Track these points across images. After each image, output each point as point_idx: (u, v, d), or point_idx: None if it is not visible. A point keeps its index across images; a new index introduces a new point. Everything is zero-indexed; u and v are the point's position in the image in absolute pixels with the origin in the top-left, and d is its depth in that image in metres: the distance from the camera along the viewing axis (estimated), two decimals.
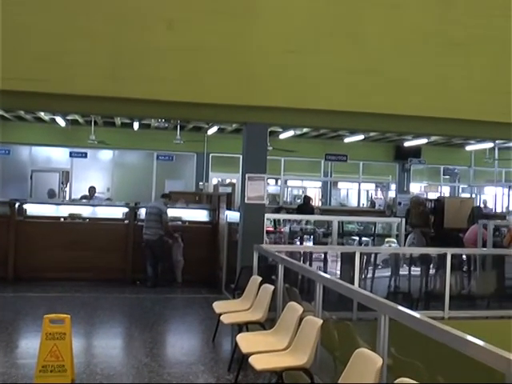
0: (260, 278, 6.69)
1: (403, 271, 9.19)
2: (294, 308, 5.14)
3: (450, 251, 7.93)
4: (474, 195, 23.01)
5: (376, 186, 24.81)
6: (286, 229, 11.19)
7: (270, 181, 22.40)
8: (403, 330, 3.64)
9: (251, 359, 4.66)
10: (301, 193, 22.20)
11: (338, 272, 8.81)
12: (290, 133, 18.34)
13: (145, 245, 10.52)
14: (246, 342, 5.24)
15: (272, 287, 6.13)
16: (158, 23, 8.05)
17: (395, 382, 3.21)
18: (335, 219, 9.66)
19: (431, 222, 11.38)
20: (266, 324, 5.92)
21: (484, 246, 10.28)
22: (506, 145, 19.32)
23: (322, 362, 5.16)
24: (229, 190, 15.90)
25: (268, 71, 8.43)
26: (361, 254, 7.66)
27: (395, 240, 10.23)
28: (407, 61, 8.82)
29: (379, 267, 9.62)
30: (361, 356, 3.68)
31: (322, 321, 4.61)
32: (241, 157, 9.35)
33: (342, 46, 8.63)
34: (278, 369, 4.61)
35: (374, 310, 3.98)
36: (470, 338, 2.95)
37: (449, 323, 7.63)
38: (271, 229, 11.63)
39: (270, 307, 6.08)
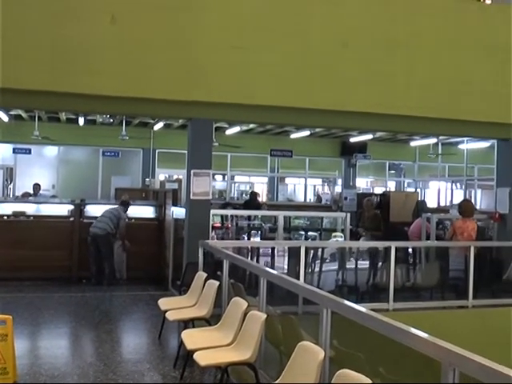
0: (205, 274, 6.67)
1: (350, 265, 9.30)
2: (239, 303, 5.14)
3: (393, 244, 8.08)
4: (418, 189, 23.48)
5: (323, 182, 25.05)
6: (230, 224, 11.18)
7: (217, 177, 22.33)
8: (346, 322, 3.67)
9: (196, 355, 4.64)
10: (248, 188, 22.23)
11: (286, 267, 8.87)
12: (237, 128, 18.33)
13: (91, 240, 10.36)
14: (191, 338, 5.22)
15: (217, 283, 6.11)
16: (101, 16, 7.91)
17: (337, 373, 3.24)
18: (281, 214, 9.71)
19: (383, 226, 11.18)
20: (212, 320, 5.90)
21: (428, 238, 10.49)
22: (449, 140, 19.79)
23: (267, 356, 5.17)
24: (175, 186, 15.82)
25: (213, 66, 8.40)
26: (306, 248, 7.70)
27: (342, 234, 10.35)
28: (351, 57, 8.94)
29: (327, 261, 9.71)
30: (303, 349, 3.70)
31: (265, 315, 4.62)
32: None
33: (287, 42, 8.68)
34: (223, 364, 4.61)
35: (318, 304, 4.01)
36: (408, 328, 2.99)
37: (393, 315, 7.82)
38: (218, 225, 11.61)
39: (215, 303, 6.06)
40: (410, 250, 10.28)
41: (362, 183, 24.70)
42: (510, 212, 10.91)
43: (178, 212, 10.14)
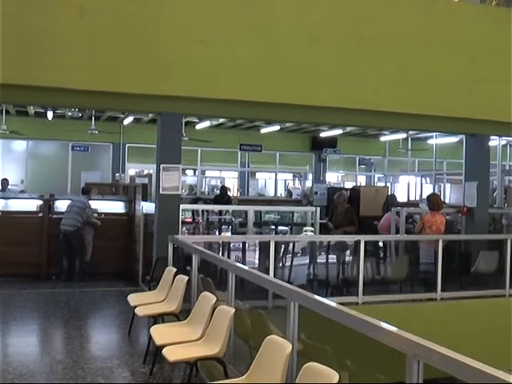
0: (175, 269, 6.63)
1: (322, 259, 9.36)
2: (207, 298, 5.13)
3: (363, 238, 8.14)
4: (388, 184, 23.69)
5: (293, 176, 25.15)
6: (201, 219, 11.15)
7: (187, 171, 22.25)
8: (314, 316, 3.68)
9: (165, 351, 4.62)
10: (219, 183, 22.20)
11: (257, 261, 8.90)
12: (207, 123, 18.28)
13: (62, 237, 10.27)
14: (160, 333, 5.19)
15: (186, 278, 6.10)
16: (70, 9, 7.79)
17: (304, 366, 3.25)
18: (251, 209, 9.71)
19: (356, 220, 10.78)
20: (182, 315, 5.88)
21: (397, 232, 10.60)
22: (419, 135, 20.00)
23: (237, 350, 5.18)
24: (146, 181, 15.72)
25: (182, 61, 8.36)
26: (276, 242, 7.72)
27: (313, 228, 10.39)
28: (320, 52, 8.96)
29: (298, 255, 9.75)
30: (271, 343, 3.71)
31: (233, 310, 4.62)
32: None
33: (256, 37, 8.66)
34: (191, 359, 4.60)
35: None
36: (373, 321, 3.02)
37: (362, 308, 7.90)
38: (190, 220, 11.58)
39: (185, 298, 6.05)
40: (381, 243, 10.39)
41: (333, 178, 24.85)
42: (478, 206, 11.08)
43: (148, 207, 10.09)
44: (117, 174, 20.16)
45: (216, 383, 3.96)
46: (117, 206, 11.62)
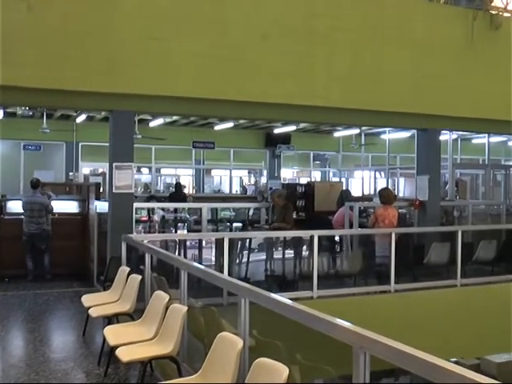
0: (128, 269, 6.59)
1: (278, 254, 9.42)
2: (161, 297, 5.11)
3: (316, 233, 8.22)
4: (343, 179, 23.94)
5: (249, 173, 25.20)
6: (157, 217, 11.08)
7: (143, 169, 22.10)
8: (266, 312, 3.71)
9: (118, 351, 4.60)
10: (174, 181, 22.10)
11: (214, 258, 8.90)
12: (160, 121, 18.17)
13: (27, 238, 10.16)
14: (114, 334, 5.16)
15: (139, 277, 6.06)
16: (17, 4, 7.61)
17: (254, 362, 3.28)
18: (205, 206, 9.71)
19: (291, 218, 10.31)
20: (137, 314, 5.84)
21: (351, 226, 10.73)
22: (372, 131, 20.29)
23: (192, 349, 5.18)
24: (100, 179, 15.55)
25: (132, 58, 8.28)
26: (230, 239, 7.74)
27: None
28: (272, 49, 8.99)
29: (255, 251, 9.79)
30: (223, 340, 3.73)
31: (186, 308, 4.62)
32: None
33: (208, 34, 8.65)
34: (145, 359, 4.59)
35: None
36: (320, 314, 3.06)
37: (317, 302, 7.98)
38: (145, 218, 11.51)
39: (139, 297, 6.02)
40: (337, 238, 10.51)
41: (288, 174, 25.00)
42: (430, 199, 11.31)
43: (102, 206, 9.98)
44: (70, 173, 19.88)
45: (168, 382, 3.95)
46: (70, 206, 11.46)
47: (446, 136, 15.94)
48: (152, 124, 18.66)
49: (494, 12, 11.50)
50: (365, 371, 2.70)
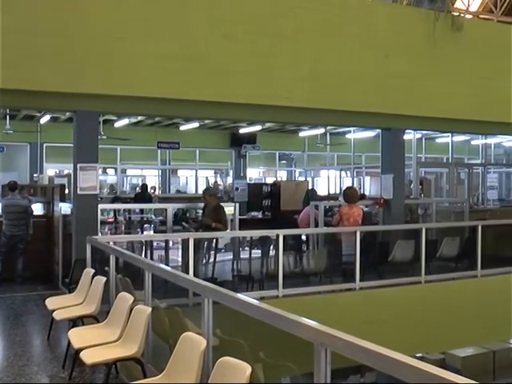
0: (93, 271, 6.54)
1: (245, 254, 9.44)
2: (125, 298, 5.09)
3: (281, 232, 8.27)
4: (309, 178, 24.08)
5: (215, 173, 25.18)
6: (122, 218, 11.02)
7: (109, 170, 21.91)
8: (230, 311, 3.73)
9: (82, 354, 4.58)
10: (140, 182, 21.98)
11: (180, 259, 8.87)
12: (125, 121, 18.03)
13: (7, 240, 10.15)
14: (78, 336, 5.12)
15: (104, 279, 6.02)
16: None
17: (218, 361, 3.30)
18: (170, 206, 9.69)
19: (225, 220, 9.76)
20: (102, 316, 5.80)
21: (317, 225, 10.81)
22: (337, 130, 20.44)
23: (157, 349, 5.16)
24: (65, 181, 15.38)
25: (98, 58, 8.21)
26: (196, 239, 7.74)
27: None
28: (236, 50, 9.01)
29: (222, 251, 9.80)
30: (186, 340, 3.74)
31: (150, 309, 4.61)
32: None
33: (173, 34, 8.62)
34: (109, 361, 4.56)
35: None
36: (281, 312, 3.08)
37: (283, 301, 8.02)
38: (112, 219, 11.44)
39: (104, 299, 5.98)
40: (304, 237, 10.57)
41: (254, 173, 25.05)
42: (394, 197, 11.46)
43: (67, 208, 9.88)
44: (35, 175, 19.59)
45: (134, 383, 3.94)
46: (35, 208, 11.32)
47: (410, 135, 16.14)
48: (117, 124, 18.50)
49: (455, 14, 11.71)
50: (326, 368, 2.72)
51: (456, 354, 15.37)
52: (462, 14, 13.31)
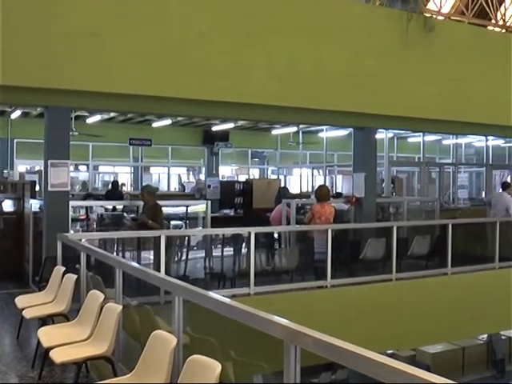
0: (63, 268, 6.48)
1: (218, 252, 9.43)
2: (96, 296, 5.05)
3: (253, 230, 8.29)
4: (282, 176, 24.13)
5: (187, 170, 25.10)
6: (94, 216, 10.93)
7: (81, 167, 21.71)
8: (201, 309, 3.73)
9: (52, 353, 4.53)
10: (112, 179, 21.80)
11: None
12: (97, 117, 17.85)
13: None
14: (48, 335, 5.06)
15: (74, 277, 5.97)
16: None
17: (188, 359, 3.30)
18: (141, 204, 9.63)
19: (162, 221, 9.53)
20: (72, 315, 5.75)
21: (289, 223, 10.85)
22: (310, 129, 20.51)
23: (128, 348, 5.14)
24: (36, 177, 15.21)
25: (70, 53, 8.10)
26: (167, 237, 7.72)
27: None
28: (210, 47, 8.98)
29: (195, 249, 9.78)
30: (157, 338, 3.73)
31: (121, 307, 4.59)
32: None
33: (146, 31, 8.55)
34: (79, 359, 4.51)
35: None
36: (252, 310, 3.10)
37: (254, 299, 8.04)
38: (84, 217, 11.34)
39: (75, 297, 5.93)
40: (276, 235, 10.60)
41: (227, 171, 25.03)
42: (366, 195, 11.55)
43: (38, 205, 9.78)
44: (5, 171, 19.31)
45: (102, 383, 3.91)
46: (5, 204, 11.18)
47: (382, 134, 16.28)
48: (89, 120, 18.30)
49: (427, 15, 11.84)
50: (295, 365, 2.74)
51: (426, 351, 15.61)
52: (434, 16, 13.47)
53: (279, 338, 2.82)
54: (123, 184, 18.65)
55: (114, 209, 12.35)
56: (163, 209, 9.77)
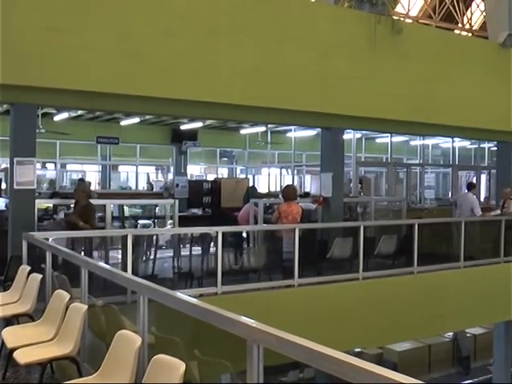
0: (29, 268, 6.40)
1: (187, 251, 9.40)
2: (61, 296, 5.02)
3: (220, 229, 8.30)
4: (251, 176, 24.17)
5: (156, 169, 24.98)
6: (62, 215, 10.81)
7: (48, 165, 21.44)
8: (167, 309, 3.73)
9: (16, 353, 4.47)
10: (80, 177, 21.58)
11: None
12: (65, 115, 17.65)
13: None
14: (12, 335, 5.00)
15: (40, 276, 5.91)
16: None
17: (152, 359, 3.30)
18: (108, 203, 9.57)
19: (94, 222, 9.14)
20: (37, 315, 5.69)
21: (256, 223, 10.87)
22: (278, 128, 20.59)
23: (94, 348, 5.10)
24: (1, 175, 14.99)
25: (34, 49, 8.00)
26: (135, 236, 7.68)
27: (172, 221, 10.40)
28: (176, 46, 8.95)
29: (163, 248, 9.74)
30: (122, 338, 3.72)
31: (86, 307, 4.56)
32: None
33: (110, 27, 8.48)
34: (43, 360, 4.48)
35: None
36: (215, 309, 3.11)
37: (221, 298, 8.04)
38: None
39: (40, 297, 5.87)
40: (244, 234, 10.61)
41: (195, 170, 24.97)
42: (333, 195, 11.63)
43: (3, 203, 9.65)
44: None
45: (67, 383, 3.89)
46: None
47: (350, 135, 16.43)
48: (56, 118, 18.08)
49: (395, 17, 11.97)
50: (258, 364, 2.76)
51: (393, 349, 15.85)
52: (402, 18, 13.64)
53: (242, 337, 2.84)
54: (89, 182, 18.42)
55: None
56: (130, 209, 9.74)
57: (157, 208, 11.95)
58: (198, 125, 19.41)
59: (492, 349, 14.63)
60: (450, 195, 20.32)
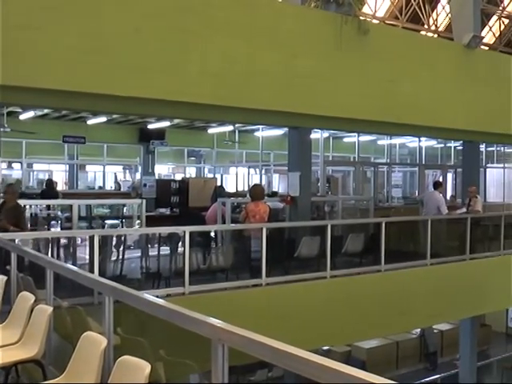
0: None
1: (155, 251, 9.36)
2: (26, 298, 4.95)
3: (188, 229, 8.29)
4: (218, 175, 24.14)
5: (124, 169, 24.80)
6: (27, 215, 10.67)
7: (14, 165, 21.13)
8: (133, 310, 3.72)
9: None
10: (47, 177, 21.32)
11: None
12: (31, 113, 17.39)
13: None
14: None
15: (4, 278, 5.83)
16: None
17: (117, 360, 3.29)
18: (75, 203, 9.47)
19: (26, 224, 8.78)
20: (2, 318, 5.61)
21: (224, 222, 10.87)
22: (246, 128, 20.62)
23: (60, 350, 5.05)
24: None
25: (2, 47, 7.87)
26: (102, 236, 7.62)
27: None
28: (145, 43, 8.87)
29: (131, 248, 9.68)
30: (87, 339, 3.70)
31: (51, 308, 4.51)
32: None
33: (79, 24, 8.32)
34: (7, 364, 4.42)
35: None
36: (179, 309, 3.11)
37: (189, 298, 8.01)
38: None
39: (4, 299, 5.79)
40: (212, 233, 10.61)
41: (163, 170, 24.85)
42: (301, 194, 11.69)
43: None
44: None
45: None
46: None
47: (317, 134, 16.52)
48: (22, 117, 17.81)
49: (362, 18, 12.06)
50: (223, 364, 2.77)
51: (361, 346, 16.02)
52: (369, 19, 13.77)
53: (207, 336, 2.84)
54: (55, 182, 18.23)
55: (49, 208, 12.11)
56: (97, 209, 9.67)
57: (124, 208, 11.87)
58: (165, 124, 19.32)
59: (458, 344, 14.89)
60: (416, 194, 20.57)
